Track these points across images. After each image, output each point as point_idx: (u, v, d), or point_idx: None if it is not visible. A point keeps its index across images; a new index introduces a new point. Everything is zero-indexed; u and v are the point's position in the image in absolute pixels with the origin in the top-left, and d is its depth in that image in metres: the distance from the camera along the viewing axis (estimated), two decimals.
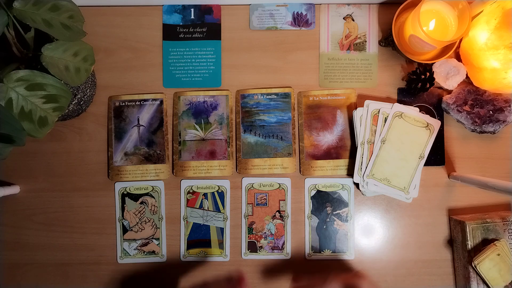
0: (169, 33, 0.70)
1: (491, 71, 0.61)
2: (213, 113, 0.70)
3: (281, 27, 0.70)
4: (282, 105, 0.69)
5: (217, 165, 0.69)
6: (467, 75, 0.67)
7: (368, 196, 0.69)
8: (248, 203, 0.69)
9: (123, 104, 0.70)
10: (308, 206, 0.69)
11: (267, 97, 0.70)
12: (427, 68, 0.65)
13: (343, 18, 0.70)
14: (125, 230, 0.69)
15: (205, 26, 0.70)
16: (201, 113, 0.70)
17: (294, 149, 0.69)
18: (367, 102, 0.66)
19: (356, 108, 0.67)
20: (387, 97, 0.70)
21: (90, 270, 0.69)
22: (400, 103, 0.68)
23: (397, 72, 0.70)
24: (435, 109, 0.69)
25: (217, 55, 0.70)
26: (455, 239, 0.67)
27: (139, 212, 0.69)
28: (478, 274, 0.61)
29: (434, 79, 0.66)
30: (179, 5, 0.70)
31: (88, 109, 0.69)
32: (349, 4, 0.70)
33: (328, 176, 0.69)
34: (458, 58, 0.68)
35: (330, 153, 0.69)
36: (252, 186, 0.69)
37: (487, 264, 0.60)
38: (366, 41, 0.70)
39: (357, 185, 0.68)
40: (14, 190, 0.68)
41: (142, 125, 0.69)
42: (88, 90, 0.66)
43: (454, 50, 0.66)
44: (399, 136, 0.66)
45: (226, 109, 0.70)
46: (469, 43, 0.64)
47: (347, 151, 0.69)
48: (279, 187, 0.69)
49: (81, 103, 0.66)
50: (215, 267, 0.68)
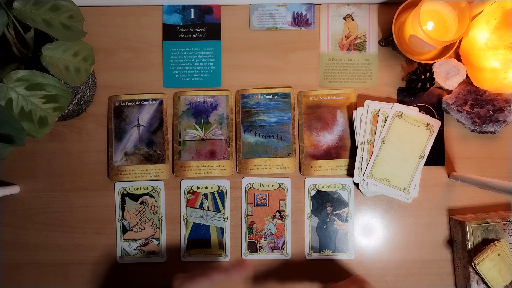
0: (169, 33, 0.70)
1: (491, 71, 0.61)
2: (213, 113, 0.70)
3: (281, 27, 0.70)
4: (282, 105, 0.69)
5: (217, 165, 0.69)
6: (467, 75, 0.67)
7: (368, 196, 0.69)
8: (248, 203, 0.69)
9: (123, 104, 0.70)
10: (308, 206, 0.69)
11: (267, 97, 0.70)
12: (427, 68, 0.65)
13: (343, 18, 0.70)
14: (125, 230, 0.69)
15: (205, 26, 0.70)
16: (201, 113, 0.70)
17: (294, 149, 0.69)
18: (367, 102, 0.66)
19: (356, 108, 0.67)
20: (387, 97, 0.70)
21: (90, 270, 0.69)
22: (400, 103, 0.68)
23: (397, 72, 0.70)
24: (435, 109, 0.69)
25: (217, 55, 0.70)
26: (455, 239, 0.67)
27: (139, 212, 0.69)
28: (478, 274, 0.61)
29: (434, 79, 0.66)
30: (179, 5, 0.70)
31: (88, 109, 0.69)
32: (349, 4, 0.70)
33: (328, 176, 0.69)
34: (458, 58, 0.68)
35: (330, 153, 0.69)
36: (252, 186, 0.69)
37: (487, 264, 0.60)
38: (366, 41, 0.70)
39: (357, 185, 0.68)
40: (14, 190, 0.68)
41: (142, 125, 0.69)
42: (88, 90, 0.66)
43: (454, 50, 0.66)
44: (399, 136, 0.66)
45: (226, 109, 0.70)
46: (469, 43, 0.64)
47: (347, 151, 0.69)
48: (279, 187, 0.69)
49: (81, 103, 0.66)
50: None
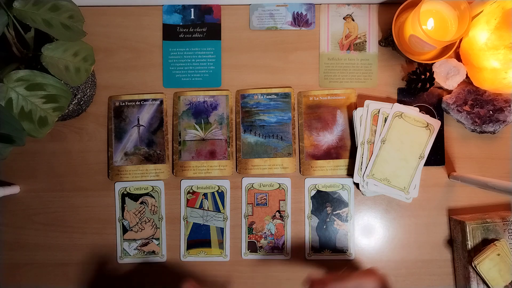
0: (169, 33, 0.70)
1: (491, 71, 0.61)
2: (213, 113, 0.70)
3: (281, 27, 0.70)
4: (282, 105, 0.69)
5: (217, 165, 0.69)
6: (467, 75, 0.67)
7: (368, 196, 0.69)
8: (248, 203, 0.69)
9: (123, 104, 0.70)
10: (308, 206, 0.69)
11: (267, 97, 0.70)
12: (427, 68, 0.65)
13: (343, 18, 0.70)
14: (125, 230, 0.69)
15: (205, 26, 0.70)
16: (201, 113, 0.70)
17: (294, 149, 0.69)
18: (367, 102, 0.66)
19: (356, 108, 0.67)
20: (387, 97, 0.70)
21: (90, 270, 0.69)
22: (400, 103, 0.68)
23: (397, 72, 0.70)
24: (435, 109, 0.69)
25: (217, 55, 0.70)
26: (455, 239, 0.67)
27: (139, 212, 0.69)
28: (478, 274, 0.61)
29: (434, 79, 0.66)
30: (179, 5, 0.70)
31: (88, 109, 0.69)
32: (349, 4, 0.70)
33: (328, 176, 0.69)
34: (458, 58, 0.68)
35: (330, 153, 0.69)
36: (252, 186, 0.69)
37: (487, 264, 0.60)
38: (366, 41, 0.70)
39: (357, 185, 0.68)
40: (14, 190, 0.68)
41: (142, 125, 0.69)
42: (88, 90, 0.66)
43: (454, 50, 0.66)
44: (399, 136, 0.66)
45: (226, 109, 0.70)
46: (469, 43, 0.64)
47: (347, 151, 0.69)
48: (279, 187, 0.69)
49: (81, 103, 0.66)
50: (215, 267, 0.68)
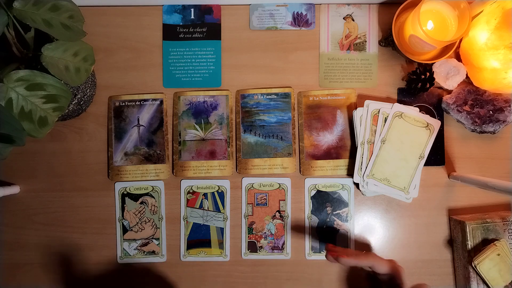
0: (169, 33, 0.70)
1: (491, 71, 0.61)
2: (213, 113, 0.70)
3: (281, 27, 0.70)
4: (282, 105, 0.69)
5: (217, 165, 0.69)
6: (467, 75, 0.67)
7: (368, 196, 0.69)
8: (248, 203, 0.69)
9: (123, 104, 0.70)
10: (308, 206, 0.69)
11: (267, 97, 0.70)
12: (427, 68, 0.65)
13: (343, 18, 0.70)
14: (125, 230, 0.69)
15: (205, 26, 0.70)
16: (201, 113, 0.70)
17: (294, 149, 0.69)
18: (367, 102, 0.66)
19: (356, 108, 0.67)
20: (387, 97, 0.70)
21: (90, 270, 0.69)
22: (400, 103, 0.68)
23: (397, 72, 0.70)
24: (435, 109, 0.69)
25: (217, 55, 0.70)
26: (455, 239, 0.67)
27: (139, 212, 0.69)
28: (478, 274, 0.61)
29: (434, 79, 0.66)
30: (179, 5, 0.70)
31: (88, 109, 0.69)
32: (349, 4, 0.70)
33: (328, 176, 0.69)
34: (458, 58, 0.68)
35: (330, 153, 0.69)
36: (252, 186, 0.69)
37: (487, 264, 0.60)
38: (366, 41, 0.70)
39: (357, 185, 0.68)
40: (14, 190, 0.68)
41: (142, 125, 0.69)
42: (88, 90, 0.66)
43: (454, 50, 0.66)
44: (399, 136, 0.66)
45: (226, 109, 0.70)
46: (469, 43, 0.64)
47: (347, 151, 0.69)
48: (279, 187, 0.69)
49: (81, 103, 0.66)
50: (215, 267, 0.68)
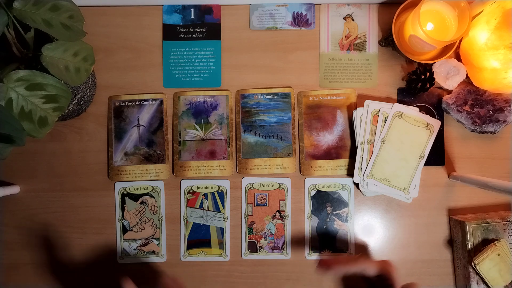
0: (169, 33, 0.70)
1: (491, 71, 0.61)
2: (213, 113, 0.70)
3: (281, 27, 0.70)
4: (282, 105, 0.69)
5: (217, 165, 0.69)
6: (467, 75, 0.67)
7: (368, 196, 0.69)
8: (248, 203, 0.69)
9: (123, 104, 0.70)
10: (308, 206, 0.69)
11: (267, 97, 0.70)
12: (427, 68, 0.65)
13: (343, 18, 0.70)
14: (125, 230, 0.69)
15: (205, 26, 0.70)
16: (201, 113, 0.70)
17: (294, 149, 0.69)
18: (367, 102, 0.66)
19: (356, 108, 0.67)
20: (387, 97, 0.70)
21: (90, 270, 0.69)
22: (400, 103, 0.68)
23: (397, 72, 0.70)
24: (435, 109, 0.69)
25: (217, 55, 0.70)
26: (455, 239, 0.67)
27: (139, 212, 0.69)
28: (478, 274, 0.61)
29: (434, 79, 0.66)
30: (179, 5, 0.70)
31: (88, 109, 0.69)
32: (349, 4, 0.70)
33: (328, 176, 0.69)
34: (458, 58, 0.68)
35: (330, 153, 0.69)
36: (252, 186, 0.69)
37: (487, 264, 0.60)
38: (366, 41, 0.70)
39: (357, 185, 0.68)
40: (14, 190, 0.68)
41: (142, 125, 0.69)
42: (88, 90, 0.66)
43: (454, 50, 0.66)
44: (399, 136, 0.66)
45: (226, 109, 0.70)
46: (469, 43, 0.64)
47: (347, 151, 0.69)
48: (279, 187, 0.69)
49: (81, 103, 0.66)
50: (215, 267, 0.68)
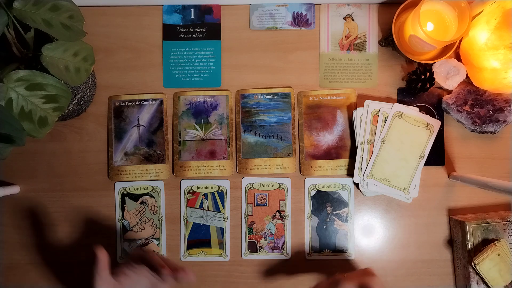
0: (169, 33, 0.70)
1: (491, 71, 0.61)
2: (213, 113, 0.70)
3: (281, 27, 0.70)
4: (282, 105, 0.69)
5: (217, 165, 0.69)
6: (467, 75, 0.67)
7: (368, 196, 0.69)
8: (248, 203, 0.69)
9: (123, 104, 0.70)
10: (308, 206, 0.69)
11: (267, 97, 0.70)
12: (427, 68, 0.65)
13: (343, 18, 0.70)
14: (125, 230, 0.69)
15: (205, 26, 0.70)
16: (201, 113, 0.70)
17: (294, 149, 0.69)
18: (367, 102, 0.66)
19: (356, 108, 0.67)
20: (387, 97, 0.70)
21: (90, 270, 0.68)
22: (400, 103, 0.68)
23: (397, 72, 0.70)
24: (435, 109, 0.69)
25: (217, 55, 0.70)
26: (455, 239, 0.67)
27: (139, 212, 0.69)
28: (478, 274, 0.61)
29: (434, 79, 0.66)
30: (179, 5, 0.70)
31: (88, 109, 0.69)
32: (349, 4, 0.70)
33: (328, 176, 0.69)
34: (458, 58, 0.68)
35: (330, 153, 0.69)
36: (252, 186, 0.69)
37: (487, 264, 0.60)
38: (366, 41, 0.70)
39: (357, 185, 0.68)
40: (14, 190, 0.68)
41: (142, 125, 0.69)
42: (88, 90, 0.66)
43: (454, 50, 0.66)
44: (399, 136, 0.66)
45: (226, 109, 0.70)
46: (469, 43, 0.64)
47: (347, 151, 0.69)
48: (279, 187, 0.69)
49: (81, 103, 0.66)
50: (215, 267, 0.68)
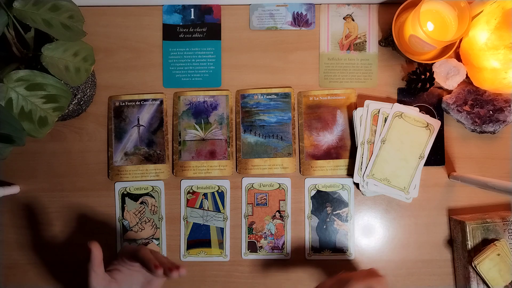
0: (169, 33, 0.70)
1: (491, 71, 0.61)
2: (213, 113, 0.70)
3: (281, 27, 0.70)
4: (282, 105, 0.69)
5: (217, 165, 0.69)
6: (467, 75, 0.67)
7: (368, 196, 0.69)
8: (248, 203, 0.69)
9: (123, 104, 0.70)
10: (308, 206, 0.69)
11: (267, 97, 0.70)
12: (427, 68, 0.65)
13: (343, 18, 0.70)
14: (125, 230, 0.69)
15: (205, 26, 0.70)
16: (201, 113, 0.70)
17: (294, 149, 0.69)
18: (367, 102, 0.66)
19: (356, 108, 0.67)
20: (387, 97, 0.70)
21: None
22: (400, 103, 0.68)
23: (397, 72, 0.70)
24: (435, 109, 0.69)
25: (217, 55, 0.70)
26: (455, 239, 0.67)
27: (139, 212, 0.69)
28: (478, 274, 0.61)
29: (434, 79, 0.66)
30: (179, 5, 0.70)
31: (88, 109, 0.69)
32: (349, 4, 0.70)
33: (328, 176, 0.69)
34: (458, 58, 0.68)
35: (330, 153, 0.69)
36: (252, 186, 0.69)
37: (487, 264, 0.60)
38: (366, 41, 0.70)
39: (357, 185, 0.68)
40: (14, 190, 0.68)
41: (142, 125, 0.69)
42: (88, 90, 0.66)
43: (454, 50, 0.66)
44: (399, 136, 0.66)
45: (226, 109, 0.70)
46: (469, 43, 0.64)
47: (347, 151, 0.69)
48: (279, 187, 0.69)
49: (81, 103, 0.66)
50: (215, 267, 0.68)
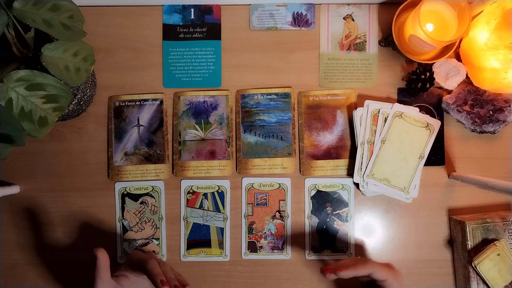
0: (169, 33, 0.70)
1: (491, 71, 0.61)
2: (213, 113, 0.70)
3: (281, 27, 0.70)
4: (282, 105, 0.69)
5: (217, 165, 0.69)
6: (467, 75, 0.67)
7: (368, 196, 0.69)
8: (248, 203, 0.69)
9: (123, 104, 0.70)
10: (308, 206, 0.69)
11: (267, 97, 0.70)
12: (427, 68, 0.65)
13: (343, 18, 0.70)
14: (125, 230, 0.69)
15: (205, 26, 0.70)
16: (201, 113, 0.70)
17: (294, 149, 0.69)
18: (367, 102, 0.66)
19: (356, 108, 0.67)
20: (387, 97, 0.70)
21: (90, 271, 0.68)
22: (400, 103, 0.68)
23: (397, 72, 0.70)
24: (435, 109, 0.69)
25: (217, 55, 0.70)
26: (455, 239, 0.67)
27: (139, 212, 0.69)
28: (478, 274, 0.61)
29: (434, 79, 0.66)
30: (179, 5, 0.70)
31: (88, 109, 0.69)
32: (349, 4, 0.70)
33: (328, 176, 0.69)
34: (458, 58, 0.68)
35: (330, 153, 0.69)
36: (252, 186, 0.69)
37: (487, 264, 0.60)
38: (366, 41, 0.70)
39: (357, 185, 0.68)
40: (14, 190, 0.68)
41: (142, 125, 0.69)
42: (88, 90, 0.66)
43: (454, 50, 0.66)
44: (399, 136, 0.66)
45: (226, 109, 0.70)
46: (469, 43, 0.64)
47: (347, 151, 0.69)
48: (279, 187, 0.69)
49: (81, 103, 0.66)
50: (215, 267, 0.68)
